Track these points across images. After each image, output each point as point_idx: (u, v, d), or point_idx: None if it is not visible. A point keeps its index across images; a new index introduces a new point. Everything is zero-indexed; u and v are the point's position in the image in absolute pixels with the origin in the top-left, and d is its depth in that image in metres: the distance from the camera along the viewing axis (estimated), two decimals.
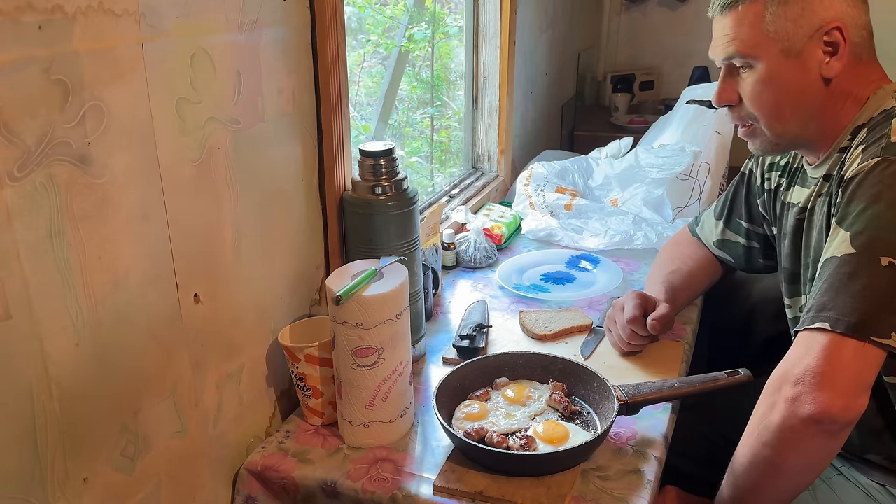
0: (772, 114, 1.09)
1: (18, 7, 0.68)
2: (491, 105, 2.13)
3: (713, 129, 2.01)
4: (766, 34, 1.05)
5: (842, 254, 0.95)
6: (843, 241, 0.95)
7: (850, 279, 0.93)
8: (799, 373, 0.92)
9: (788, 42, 1.04)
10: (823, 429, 0.91)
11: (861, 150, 1.00)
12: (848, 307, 0.91)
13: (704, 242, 1.47)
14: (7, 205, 0.70)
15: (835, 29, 1.02)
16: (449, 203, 1.93)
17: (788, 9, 1.03)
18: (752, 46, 1.06)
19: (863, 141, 1.02)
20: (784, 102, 1.08)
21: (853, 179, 0.98)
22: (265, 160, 1.07)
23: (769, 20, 1.04)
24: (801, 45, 1.04)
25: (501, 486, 0.98)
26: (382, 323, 1.02)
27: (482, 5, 2.05)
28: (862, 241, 0.94)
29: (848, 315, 0.91)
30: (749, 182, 1.37)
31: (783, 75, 1.06)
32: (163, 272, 0.91)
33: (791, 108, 1.08)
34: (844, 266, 0.94)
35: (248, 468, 1.07)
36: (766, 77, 1.06)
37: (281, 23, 1.06)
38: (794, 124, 1.09)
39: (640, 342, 1.28)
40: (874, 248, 0.92)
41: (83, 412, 0.82)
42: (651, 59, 3.52)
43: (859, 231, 0.94)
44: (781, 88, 1.07)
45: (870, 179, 0.96)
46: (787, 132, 1.10)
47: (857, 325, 0.90)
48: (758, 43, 1.05)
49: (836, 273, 0.94)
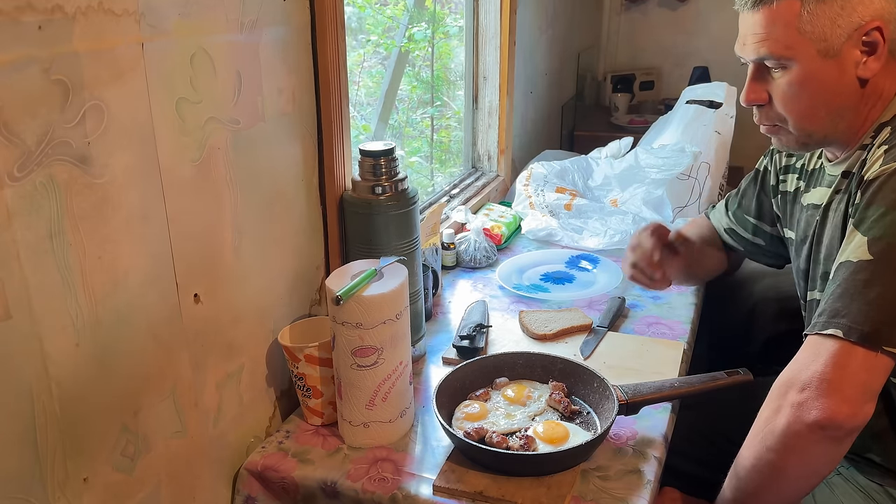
0: (805, 115, 1.05)
1: (18, 7, 0.68)
2: (491, 105, 2.13)
3: (713, 129, 2.02)
4: (801, 34, 1.00)
5: (858, 259, 0.93)
6: (860, 245, 0.93)
7: (866, 286, 0.91)
8: (806, 378, 0.91)
9: (825, 42, 0.99)
10: (828, 435, 0.90)
11: (884, 151, 0.98)
12: (862, 315, 0.90)
13: (716, 227, 1.47)
14: (7, 205, 0.70)
15: (874, 29, 0.99)
16: (449, 203, 1.93)
17: (826, 7, 0.98)
18: (786, 47, 1.01)
19: (886, 141, 0.99)
20: (819, 104, 1.04)
21: (873, 182, 0.95)
22: (265, 160, 1.07)
23: (805, 19, 0.99)
24: (839, 46, 0.99)
25: (501, 486, 0.98)
26: (382, 323, 1.02)
27: (482, 5, 2.05)
28: (880, 247, 0.92)
29: (861, 324, 0.90)
30: (763, 180, 1.35)
31: (819, 77, 1.01)
32: (163, 272, 0.91)
33: (825, 109, 1.04)
34: (860, 272, 0.92)
35: (248, 468, 1.07)
36: (801, 79, 1.02)
37: (281, 23, 1.06)
38: (827, 124, 1.06)
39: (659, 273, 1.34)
40: (891, 255, 0.91)
41: (83, 412, 0.82)
42: (651, 59, 3.52)
43: (877, 237, 0.92)
44: (817, 90, 1.03)
45: (891, 184, 0.93)
46: (817, 132, 1.07)
47: (870, 335, 0.89)
48: (793, 43, 1.00)
49: (851, 279, 0.93)
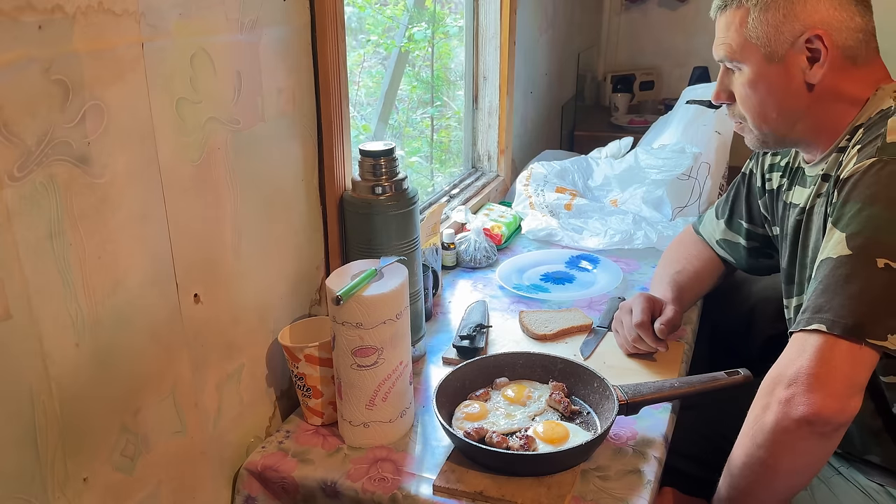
0: (757, 114, 1.11)
1: (18, 7, 0.68)
2: (491, 105, 2.13)
3: (713, 129, 2.01)
4: (748, 39, 1.06)
5: (837, 255, 0.95)
6: (839, 242, 0.95)
7: (847, 281, 0.93)
8: (792, 374, 0.92)
9: (770, 48, 1.05)
10: (816, 430, 0.91)
11: (857, 150, 1.00)
12: (844, 309, 0.91)
13: (707, 241, 1.47)
14: (7, 205, 0.70)
15: (816, 37, 1.02)
16: (449, 203, 1.93)
17: (770, 15, 1.04)
18: (736, 51, 1.08)
19: (859, 141, 1.02)
20: (768, 105, 1.09)
21: (848, 180, 0.97)
22: (265, 160, 1.07)
23: (751, 25, 1.05)
24: (783, 52, 1.05)
25: (501, 486, 0.98)
26: (382, 323, 1.02)
27: (482, 5, 2.05)
28: (858, 242, 0.93)
29: (844, 317, 0.91)
30: (749, 182, 1.37)
31: (766, 79, 1.07)
32: (163, 272, 0.91)
33: (775, 110, 1.09)
34: (840, 268, 0.94)
35: (248, 468, 1.07)
36: (750, 80, 1.08)
37: (281, 23, 1.06)
38: (780, 125, 1.10)
39: (646, 348, 1.28)
40: (870, 249, 0.92)
41: (83, 412, 0.82)
42: (651, 59, 3.52)
43: (855, 232, 0.94)
44: (765, 92, 1.08)
45: (865, 180, 0.95)
46: (772, 132, 1.12)
47: (853, 328, 0.90)
48: (742, 47, 1.07)
49: (832, 275, 0.94)
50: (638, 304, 1.30)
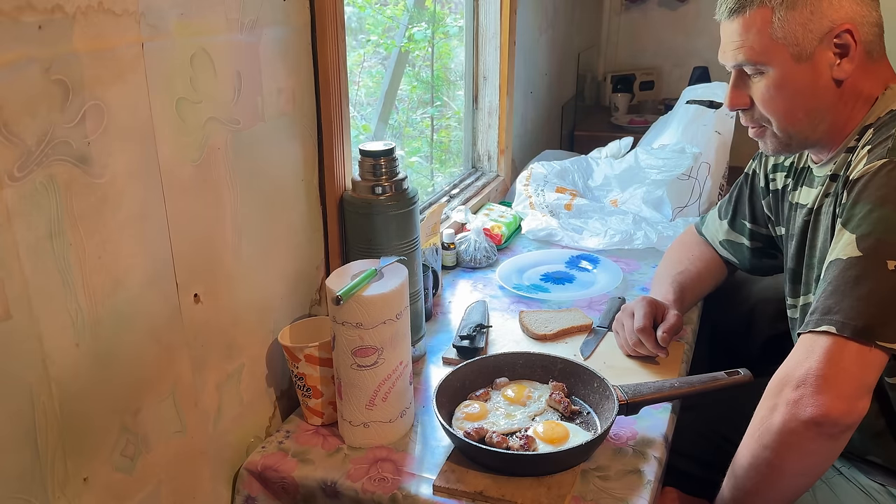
0: (785, 117, 1.08)
1: (18, 7, 0.68)
2: (491, 105, 2.13)
3: (713, 129, 2.01)
4: (775, 40, 1.03)
5: (847, 256, 0.94)
6: (849, 243, 0.94)
7: (857, 282, 0.92)
8: (801, 375, 0.92)
9: (798, 47, 1.03)
10: (824, 432, 0.91)
11: (867, 150, 1.00)
12: (854, 311, 0.91)
13: (710, 242, 1.47)
14: (7, 205, 0.70)
15: (845, 31, 1.01)
16: (449, 203, 1.93)
17: (797, 13, 1.01)
18: (761, 53, 1.04)
19: (869, 142, 1.01)
20: (797, 106, 1.07)
21: (859, 181, 0.97)
22: (265, 160, 1.07)
23: (777, 26, 1.02)
24: (812, 49, 1.02)
25: (501, 486, 0.98)
26: (382, 323, 1.02)
27: (482, 5, 2.05)
28: (868, 243, 0.93)
29: (854, 319, 0.90)
30: (752, 183, 1.37)
31: (795, 80, 1.04)
32: (163, 272, 0.91)
33: (804, 111, 1.07)
34: (850, 269, 0.93)
35: (248, 468, 1.07)
36: (777, 82, 1.05)
37: (281, 23, 1.06)
38: (807, 126, 1.08)
39: (647, 353, 1.28)
40: (881, 251, 0.92)
41: (83, 412, 0.82)
42: (651, 59, 3.52)
43: (865, 234, 0.93)
44: (794, 92, 1.06)
45: (876, 181, 0.95)
46: (798, 134, 1.09)
47: (863, 330, 0.90)
48: (767, 49, 1.04)
49: (842, 276, 0.94)
50: (640, 308, 1.29)
